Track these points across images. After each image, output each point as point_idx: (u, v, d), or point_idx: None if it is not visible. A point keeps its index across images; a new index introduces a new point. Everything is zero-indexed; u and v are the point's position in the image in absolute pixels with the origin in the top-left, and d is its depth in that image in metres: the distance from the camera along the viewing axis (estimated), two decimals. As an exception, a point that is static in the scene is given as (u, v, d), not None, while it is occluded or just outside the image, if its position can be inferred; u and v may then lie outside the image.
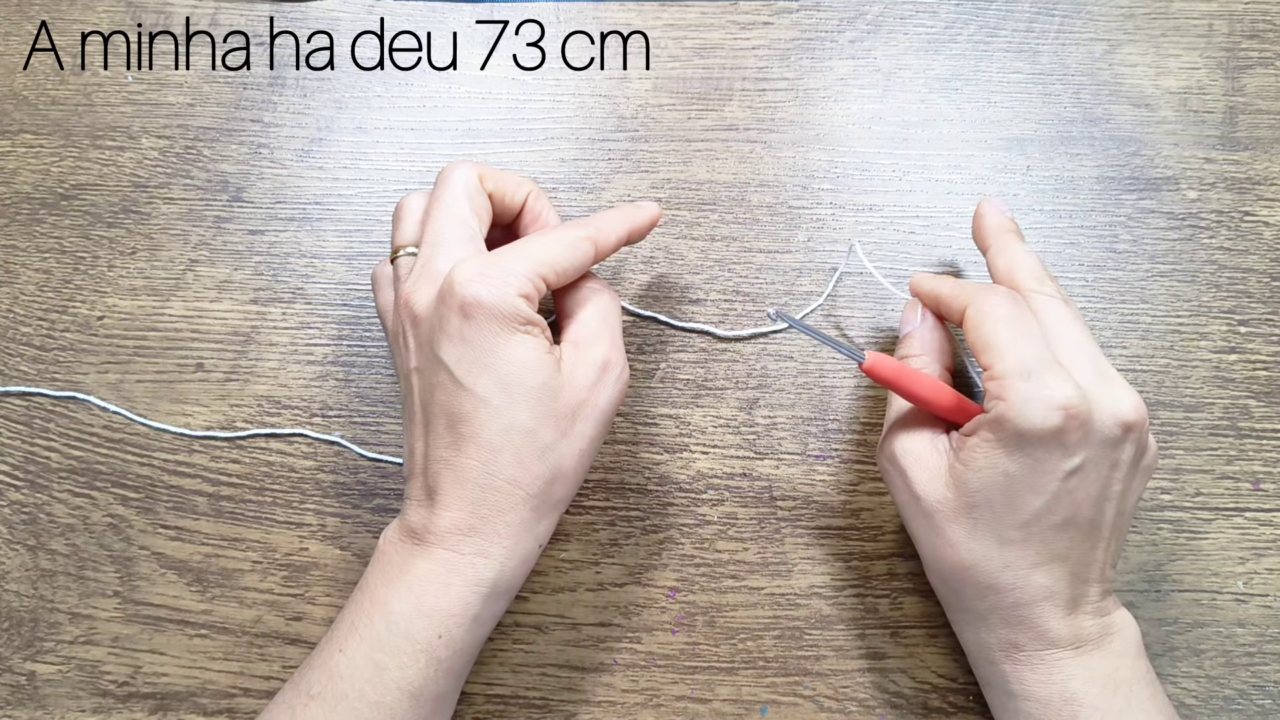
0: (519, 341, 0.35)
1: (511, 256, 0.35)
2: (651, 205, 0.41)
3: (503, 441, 0.35)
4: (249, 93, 0.51)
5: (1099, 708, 0.35)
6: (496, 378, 0.34)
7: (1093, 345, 0.36)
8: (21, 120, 0.51)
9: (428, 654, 0.35)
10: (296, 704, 0.35)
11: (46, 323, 0.48)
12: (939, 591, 0.40)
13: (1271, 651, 0.43)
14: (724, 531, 0.45)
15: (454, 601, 0.35)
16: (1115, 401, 0.34)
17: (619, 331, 0.39)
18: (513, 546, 0.36)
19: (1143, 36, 0.50)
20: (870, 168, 0.49)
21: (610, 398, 0.37)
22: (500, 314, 0.34)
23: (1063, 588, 0.35)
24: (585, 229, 0.38)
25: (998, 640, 0.37)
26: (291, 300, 0.48)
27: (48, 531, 0.45)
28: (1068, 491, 0.34)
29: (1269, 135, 0.49)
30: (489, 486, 0.35)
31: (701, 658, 0.43)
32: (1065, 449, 0.33)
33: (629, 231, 0.40)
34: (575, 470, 0.37)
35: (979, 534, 0.35)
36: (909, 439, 0.38)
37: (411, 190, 0.40)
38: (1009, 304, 0.36)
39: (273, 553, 0.45)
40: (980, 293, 0.37)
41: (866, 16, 0.51)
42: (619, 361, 0.37)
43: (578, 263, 0.37)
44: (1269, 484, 0.44)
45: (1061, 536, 0.35)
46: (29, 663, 0.44)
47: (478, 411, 0.34)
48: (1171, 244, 0.47)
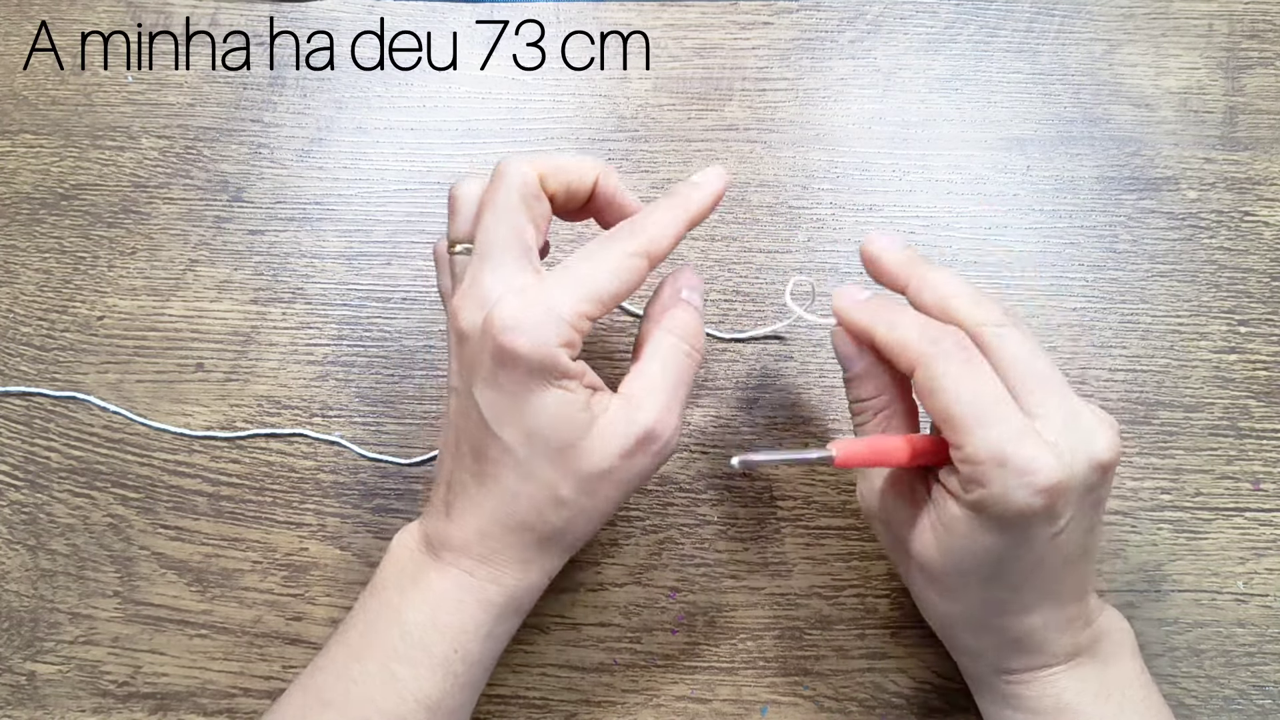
0: (552, 397, 0.33)
1: (557, 292, 0.33)
2: (713, 179, 0.37)
3: (520, 489, 0.34)
4: (249, 93, 0.51)
5: (1092, 716, 0.35)
6: (524, 431, 0.33)
7: (1056, 376, 0.33)
8: (21, 120, 0.51)
9: (444, 668, 0.35)
10: (309, 708, 0.35)
11: (46, 323, 0.48)
12: (932, 625, 0.39)
13: (1272, 652, 0.43)
14: (724, 531, 0.45)
15: (467, 620, 0.35)
16: (1091, 448, 0.32)
17: (681, 394, 0.35)
18: (521, 577, 0.36)
19: (1143, 36, 0.50)
20: (870, 168, 0.49)
21: (644, 469, 0.35)
22: (536, 368, 0.32)
23: (1055, 616, 0.35)
24: (634, 241, 0.34)
25: (989, 665, 0.37)
26: (291, 300, 0.48)
27: (48, 531, 0.45)
28: (1055, 548, 0.33)
29: (1269, 135, 0.49)
30: (502, 524, 0.35)
31: (701, 658, 0.43)
32: (1050, 518, 0.32)
33: (687, 225, 0.36)
34: (589, 524, 0.36)
35: (969, 590, 0.35)
36: (890, 490, 0.36)
37: (465, 175, 0.37)
38: (960, 365, 0.32)
39: (273, 553, 0.45)
40: (927, 354, 0.32)
41: (866, 16, 0.51)
42: (665, 433, 0.34)
43: (629, 284, 0.34)
44: (1269, 484, 0.44)
45: (1053, 578, 0.34)
46: (29, 663, 0.44)
47: (502, 457, 0.34)
48: (1171, 244, 0.47)
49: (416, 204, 0.49)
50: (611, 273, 0.34)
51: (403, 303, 0.48)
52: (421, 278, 0.48)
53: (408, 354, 0.47)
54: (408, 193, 0.49)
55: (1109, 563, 0.44)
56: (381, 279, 0.48)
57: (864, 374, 0.36)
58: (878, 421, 0.36)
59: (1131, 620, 0.43)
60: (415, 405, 0.46)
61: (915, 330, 0.33)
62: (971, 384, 0.32)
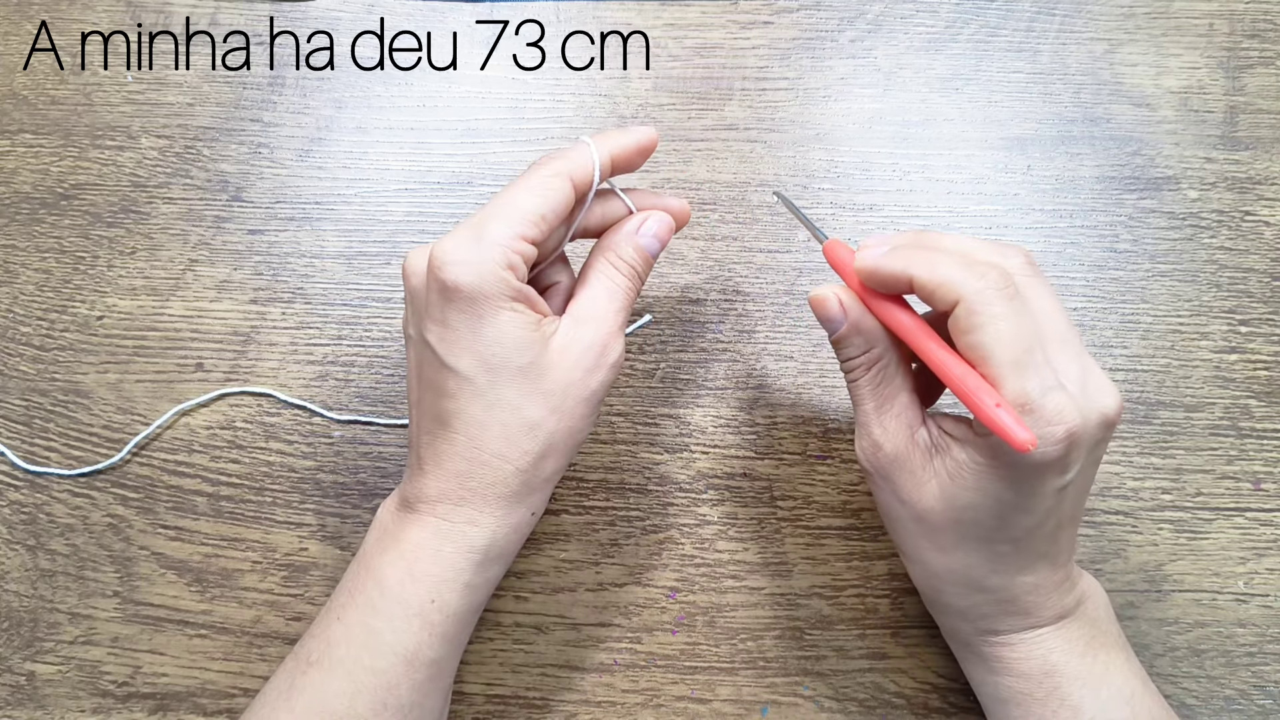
0: (505, 319, 0.34)
1: (492, 224, 0.34)
2: (642, 129, 0.38)
3: (488, 418, 0.35)
4: (249, 93, 0.51)
5: (1079, 676, 0.35)
6: (480, 358, 0.34)
7: (1074, 331, 0.33)
8: (21, 120, 0.51)
9: (421, 618, 0.35)
10: (296, 672, 0.36)
11: (46, 323, 0.48)
12: (918, 585, 0.39)
13: (1272, 651, 0.43)
14: (724, 531, 0.45)
15: (446, 568, 0.35)
16: (1101, 401, 0.32)
17: (624, 314, 0.37)
18: (504, 516, 0.36)
19: (1143, 36, 0.50)
20: (870, 168, 0.49)
21: (603, 381, 0.36)
22: (483, 294, 0.33)
23: (1049, 578, 0.35)
24: (556, 164, 0.35)
25: (976, 629, 0.37)
26: (291, 300, 0.48)
27: (48, 531, 0.45)
28: (1058, 504, 0.33)
29: (1270, 135, 0.49)
30: (476, 460, 0.35)
31: (702, 658, 0.43)
32: (1062, 469, 0.32)
33: (610, 156, 0.37)
34: (566, 446, 0.36)
35: (967, 544, 0.34)
36: (888, 438, 0.35)
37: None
38: (1005, 304, 0.31)
39: (272, 553, 0.45)
40: (973, 289, 0.31)
41: (867, 16, 0.51)
42: (616, 346, 0.36)
43: (555, 202, 0.35)
44: (1270, 484, 0.44)
45: (1051, 538, 0.34)
46: (29, 663, 0.44)
47: (462, 389, 0.34)
48: (1172, 244, 0.47)
49: (416, 204, 0.49)
50: (536, 192, 0.35)
51: (402, 303, 0.47)
52: (421, 278, 0.48)
53: (408, 354, 0.47)
54: (408, 193, 0.49)
55: (1109, 563, 0.44)
56: (381, 279, 0.48)
57: (850, 332, 0.35)
58: (873, 375, 0.36)
59: (1132, 620, 0.43)
60: (415, 405, 0.46)
61: (959, 267, 0.32)
62: (1014, 326, 0.31)
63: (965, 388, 0.32)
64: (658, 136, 0.38)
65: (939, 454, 0.34)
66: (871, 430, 0.36)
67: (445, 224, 0.48)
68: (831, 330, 0.36)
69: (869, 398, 0.36)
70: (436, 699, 0.37)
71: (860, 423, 0.36)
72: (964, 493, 0.33)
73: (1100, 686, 0.35)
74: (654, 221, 0.38)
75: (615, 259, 0.37)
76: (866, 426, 0.36)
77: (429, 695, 0.36)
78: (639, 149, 0.38)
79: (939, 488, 0.34)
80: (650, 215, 0.38)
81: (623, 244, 0.38)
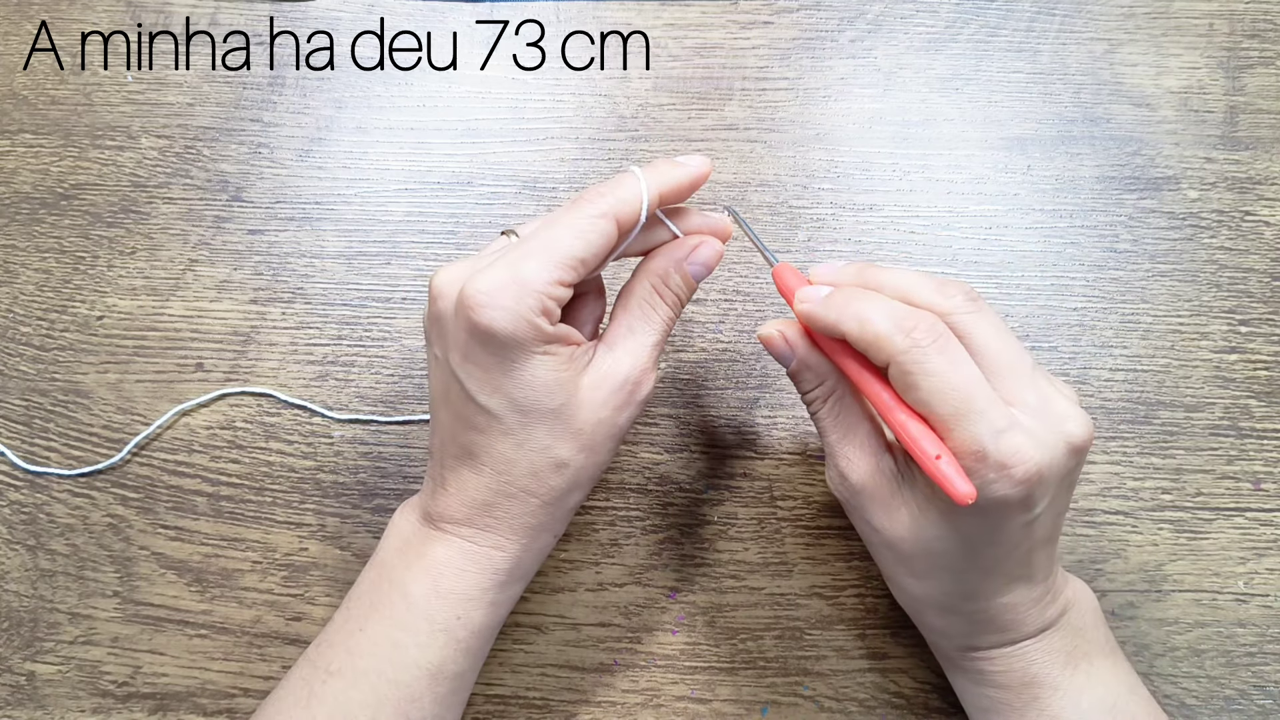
0: (536, 364, 0.33)
1: (529, 264, 0.32)
2: (695, 160, 0.36)
3: (517, 456, 0.34)
4: (249, 93, 0.51)
5: (1059, 687, 0.35)
6: (511, 399, 0.33)
7: (1026, 359, 0.33)
8: (21, 120, 0.51)
9: (446, 634, 0.35)
10: (314, 680, 0.35)
11: (46, 323, 0.48)
12: (900, 603, 0.39)
13: (1272, 651, 0.43)
14: (724, 531, 0.45)
15: (470, 586, 0.35)
16: (1064, 429, 0.32)
17: (659, 348, 0.36)
18: (528, 544, 0.36)
19: (1143, 36, 0.50)
20: (870, 168, 0.49)
21: (631, 417, 0.36)
22: (516, 341, 0.32)
23: (1026, 596, 0.35)
24: (601, 203, 0.33)
25: (956, 645, 0.37)
26: (291, 300, 0.48)
27: (48, 531, 0.45)
28: (1029, 535, 0.33)
29: (1270, 135, 0.49)
30: (503, 493, 0.35)
31: (702, 658, 0.43)
32: (1026, 507, 0.31)
33: (659, 194, 0.35)
34: (592, 479, 0.36)
35: (938, 572, 0.34)
36: (853, 469, 0.35)
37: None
38: (936, 356, 0.31)
39: (272, 553, 0.45)
40: (900, 349, 0.31)
41: (867, 16, 0.51)
42: (648, 383, 0.36)
43: (596, 246, 0.33)
44: (1270, 484, 0.44)
45: (1024, 563, 0.34)
46: (29, 663, 0.44)
47: (491, 427, 0.34)
48: (1172, 244, 0.47)
49: (416, 204, 0.49)
50: (578, 235, 0.33)
51: (403, 303, 0.48)
52: (421, 277, 0.48)
53: (408, 354, 0.47)
54: (408, 193, 0.49)
55: (1109, 563, 0.44)
56: (381, 279, 0.48)
57: (800, 368, 0.36)
58: (830, 406, 0.36)
59: (1132, 620, 0.43)
60: (415, 405, 0.46)
61: (887, 323, 0.32)
62: (947, 379, 0.31)
63: (907, 436, 0.32)
64: (711, 168, 0.36)
65: (907, 484, 0.34)
66: (837, 460, 0.36)
67: (445, 224, 0.49)
68: (784, 365, 0.36)
69: (831, 429, 0.36)
70: (456, 711, 0.37)
71: (827, 453, 0.37)
72: (930, 527, 0.33)
73: (1081, 696, 0.35)
74: (705, 249, 0.36)
75: (661, 286, 0.36)
76: (833, 456, 0.36)
77: (450, 708, 0.36)
78: (692, 183, 0.36)
79: (909, 517, 0.34)
80: (703, 243, 0.36)
81: (670, 272, 0.36)
